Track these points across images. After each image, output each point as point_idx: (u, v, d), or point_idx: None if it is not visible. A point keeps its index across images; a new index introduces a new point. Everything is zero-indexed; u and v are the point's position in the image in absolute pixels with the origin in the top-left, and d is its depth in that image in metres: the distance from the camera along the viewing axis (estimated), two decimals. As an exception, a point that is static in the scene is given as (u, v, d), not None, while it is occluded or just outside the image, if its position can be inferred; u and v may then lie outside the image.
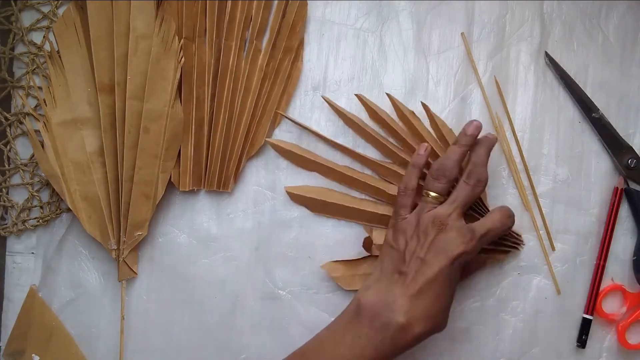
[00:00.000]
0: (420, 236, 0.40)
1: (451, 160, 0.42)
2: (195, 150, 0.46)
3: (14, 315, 0.47)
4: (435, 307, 0.39)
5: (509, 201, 0.48)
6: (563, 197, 0.48)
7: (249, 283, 0.48)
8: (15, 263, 0.48)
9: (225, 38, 0.46)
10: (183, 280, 0.48)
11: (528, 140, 0.48)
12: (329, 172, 0.47)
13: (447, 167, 0.42)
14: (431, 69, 0.48)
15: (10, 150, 0.48)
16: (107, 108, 0.45)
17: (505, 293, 0.48)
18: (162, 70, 0.45)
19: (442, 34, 0.48)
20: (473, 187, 0.41)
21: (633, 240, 0.49)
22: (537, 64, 0.49)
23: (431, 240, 0.40)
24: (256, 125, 0.47)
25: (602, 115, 0.48)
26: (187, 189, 0.47)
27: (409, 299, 0.38)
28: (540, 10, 0.49)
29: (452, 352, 0.48)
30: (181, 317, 0.48)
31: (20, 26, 0.47)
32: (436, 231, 0.40)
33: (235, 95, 0.47)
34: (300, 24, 0.47)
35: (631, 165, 0.48)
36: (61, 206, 0.47)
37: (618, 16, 0.49)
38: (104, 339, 0.47)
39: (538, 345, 0.48)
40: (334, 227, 0.48)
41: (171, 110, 0.45)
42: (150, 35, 0.45)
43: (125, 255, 0.46)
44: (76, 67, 0.46)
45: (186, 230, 0.48)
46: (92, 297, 0.48)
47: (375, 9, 0.48)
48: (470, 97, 0.48)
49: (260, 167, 0.48)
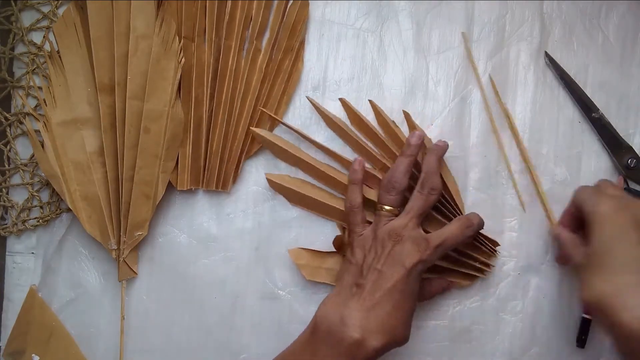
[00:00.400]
0: (377, 249, 0.40)
1: (399, 172, 0.42)
2: (193, 150, 0.46)
3: (14, 315, 0.47)
4: (392, 319, 0.39)
5: (509, 201, 0.48)
6: (562, 197, 0.48)
7: (249, 283, 0.48)
8: (15, 263, 0.48)
9: (225, 38, 0.46)
10: (183, 280, 0.48)
11: (527, 140, 0.48)
12: (309, 168, 0.47)
13: (396, 178, 0.42)
14: (431, 69, 0.48)
15: (10, 150, 0.48)
16: (107, 108, 0.45)
17: (504, 293, 0.48)
18: (162, 70, 0.45)
19: (442, 34, 0.48)
20: (427, 195, 0.42)
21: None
22: (536, 64, 0.49)
23: (388, 252, 0.40)
24: (256, 126, 0.47)
25: (602, 115, 0.48)
26: (185, 188, 0.47)
27: (364, 312, 0.38)
28: (540, 10, 0.49)
29: (452, 352, 0.48)
30: (181, 317, 0.48)
31: (20, 26, 0.47)
32: (392, 243, 0.40)
33: (235, 95, 0.47)
34: (301, 25, 0.47)
35: (631, 165, 0.48)
36: (61, 206, 0.48)
37: (618, 16, 0.49)
38: (104, 339, 0.47)
39: (538, 345, 0.48)
40: (334, 227, 0.48)
41: (171, 110, 0.45)
42: (151, 36, 0.45)
43: (126, 255, 0.46)
44: (76, 67, 0.46)
45: (186, 230, 0.48)
46: (92, 297, 0.48)
47: (375, 9, 0.48)
48: (470, 97, 0.48)
49: (260, 167, 0.48)
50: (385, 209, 0.42)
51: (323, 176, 0.47)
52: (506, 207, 0.48)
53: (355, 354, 0.38)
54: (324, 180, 0.47)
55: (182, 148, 0.46)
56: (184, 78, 0.46)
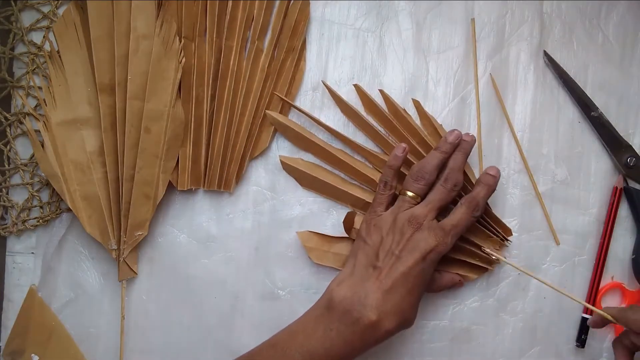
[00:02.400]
0: (396, 233, 0.41)
1: (431, 165, 0.43)
2: (194, 150, 0.46)
3: (14, 315, 0.47)
4: (405, 302, 0.40)
5: (509, 201, 0.48)
6: (562, 197, 0.48)
7: (249, 283, 0.48)
8: (15, 263, 0.48)
9: (226, 38, 0.46)
10: (183, 280, 0.48)
11: (527, 140, 0.48)
12: (322, 153, 0.47)
13: (427, 169, 0.43)
14: (431, 69, 0.48)
15: (10, 150, 0.48)
16: (107, 108, 0.45)
17: (504, 293, 0.48)
18: (162, 70, 0.45)
19: (442, 34, 0.48)
20: (449, 190, 0.43)
21: (632, 239, 0.49)
22: (536, 64, 0.49)
23: (407, 238, 0.41)
24: (259, 127, 0.47)
25: (601, 114, 0.48)
26: (186, 188, 0.47)
27: (382, 295, 0.39)
28: (540, 10, 0.49)
29: (452, 352, 0.48)
30: (181, 317, 0.48)
31: (20, 26, 0.47)
32: (412, 230, 0.41)
33: (237, 95, 0.47)
34: (302, 24, 0.47)
35: (630, 164, 0.48)
36: (61, 206, 0.47)
37: (618, 16, 0.49)
38: (104, 339, 0.47)
39: (538, 345, 0.48)
40: (334, 227, 0.48)
41: (172, 110, 0.45)
42: (151, 36, 0.45)
43: (126, 255, 0.46)
44: (76, 67, 0.46)
45: (186, 231, 0.48)
46: (92, 297, 0.48)
47: (375, 9, 0.48)
48: (470, 97, 0.48)
49: (260, 168, 0.48)
50: (409, 195, 0.43)
51: (335, 160, 0.47)
52: (506, 207, 0.48)
53: (370, 334, 0.39)
54: (336, 164, 0.48)
55: (183, 148, 0.46)
56: (185, 78, 0.46)
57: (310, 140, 0.47)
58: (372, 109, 0.48)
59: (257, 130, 0.47)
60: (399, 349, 0.48)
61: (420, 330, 0.48)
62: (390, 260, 0.40)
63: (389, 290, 0.39)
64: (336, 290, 0.41)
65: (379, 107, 0.47)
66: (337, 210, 0.48)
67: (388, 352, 0.48)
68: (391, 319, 0.39)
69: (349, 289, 0.40)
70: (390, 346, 0.48)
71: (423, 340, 0.48)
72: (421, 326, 0.48)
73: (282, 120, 0.47)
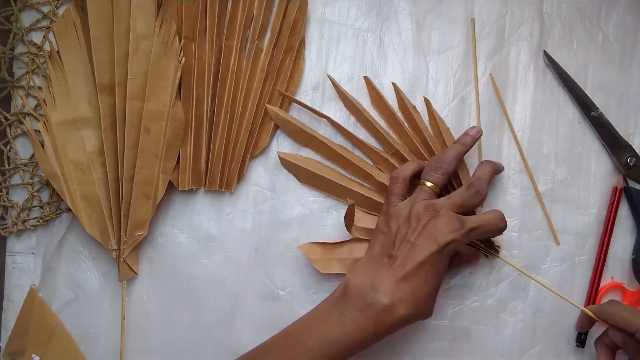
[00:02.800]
0: (412, 221, 0.41)
1: (450, 155, 0.43)
2: (194, 150, 0.46)
3: (14, 315, 0.47)
4: (420, 291, 0.39)
5: (509, 201, 0.48)
6: (562, 197, 0.48)
7: (249, 283, 0.48)
8: (15, 263, 0.48)
9: (226, 38, 0.46)
10: (183, 280, 0.48)
11: (527, 140, 0.48)
12: (322, 148, 0.47)
13: (445, 159, 0.43)
14: (431, 69, 0.48)
15: (10, 150, 0.48)
16: (107, 108, 0.45)
17: (504, 293, 0.48)
18: (162, 70, 0.45)
19: (442, 34, 0.48)
20: (472, 195, 0.42)
21: (632, 239, 0.49)
22: (536, 64, 0.49)
23: (423, 225, 0.40)
24: (259, 126, 0.47)
25: (601, 114, 0.48)
26: (186, 188, 0.47)
27: (396, 282, 0.39)
28: (540, 10, 0.49)
29: (452, 352, 0.48)
30: (181, 317, 0.48)
31: (20, 26, 0.47)
32: (428, 217, 0.40)
33: (237, 95, 0.47)
34: (300, 23, 0.47)
35: (630, 164, 0.48)
36: (61, 206, 0.47)
37: (618, 16, 0.49)
38: (104, 339, 0.47)
39: (537, 345, 0.48)
40: (333, 227, 0.48)
41: (172, 110, 0.45)
42: (151, 36, 0.45)
43: (126, 255, 0.46)
44: (76, 67, 0.46)
45: (186, 231, 0.48)
46: (92, 297, 0.48)
47: (375, 9, 0.48)
48: (470, 97, 0.48)
49: (260, 167, 0.48)
50: (427, 185, 0.43)
51: (335, 156, 0.47)
52: (506, 207, 0.48)
53: (383, 319, 0.38)
54: (336, 160, 0.48)
55: (184, 148, 0.46)
56: (185, 78, 0.46)
57: (311, 135, 0.47)
58: (378, 104, 0.48)
59: (257, 130, 0.47)
60: (399, 349, 0.48)
61: (420, 330, 0.48)
62: (405, 248, 0.40)
63: (403, 278, 0.39)
64: (351, 278, 0.40)
65: (386, 101, 0.47)
66: (337, 210, 0.48)
67: (388, 352, 0.48)
68: (406, 306, 0.38)
69: (363, 276, 0.40)
70: (391, 346, 0.48)
71: (423, 340, 0.48)
72: (421, 326, 0.48)
73: (283, 115, 0.47)
